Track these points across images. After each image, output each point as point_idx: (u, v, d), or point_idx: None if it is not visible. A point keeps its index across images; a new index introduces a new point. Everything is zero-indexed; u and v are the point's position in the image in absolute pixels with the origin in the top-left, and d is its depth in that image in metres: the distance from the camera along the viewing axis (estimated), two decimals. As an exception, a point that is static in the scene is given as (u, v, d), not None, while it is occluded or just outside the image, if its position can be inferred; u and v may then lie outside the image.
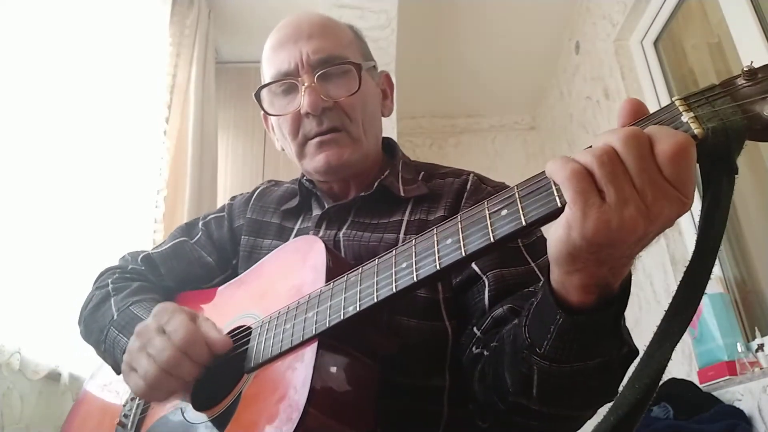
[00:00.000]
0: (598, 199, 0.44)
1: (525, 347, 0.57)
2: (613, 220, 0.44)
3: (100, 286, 1.02)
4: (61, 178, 1.77)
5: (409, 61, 3.22)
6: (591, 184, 0.45)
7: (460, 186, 0.91)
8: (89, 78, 1.99)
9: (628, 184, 0.44)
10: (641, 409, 0.47)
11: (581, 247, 0.46)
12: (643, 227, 0.44)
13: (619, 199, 0.44)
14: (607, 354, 0.54)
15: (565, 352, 0.54)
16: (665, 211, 0.44)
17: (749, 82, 0.46)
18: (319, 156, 0.89)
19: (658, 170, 0.44)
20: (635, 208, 0.44)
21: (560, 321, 0.52)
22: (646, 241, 0.46)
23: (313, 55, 0.88)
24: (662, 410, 1.90)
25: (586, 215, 0.44)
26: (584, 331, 0.52)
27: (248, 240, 1.00)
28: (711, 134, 0.45)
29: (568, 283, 0.50)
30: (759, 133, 0.45)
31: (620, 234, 0.44)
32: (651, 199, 0.44)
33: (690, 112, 0.46)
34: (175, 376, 0.71)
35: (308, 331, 0.68)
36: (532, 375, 0.57)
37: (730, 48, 2.08)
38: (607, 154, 0.45)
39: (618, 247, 0.46)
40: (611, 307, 0.51)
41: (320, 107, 0.86)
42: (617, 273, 0.49)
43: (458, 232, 0.56)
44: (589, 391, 0.58)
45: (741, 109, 0.45)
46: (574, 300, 0.51)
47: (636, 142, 0.44)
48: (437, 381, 0.80)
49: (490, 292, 0.77)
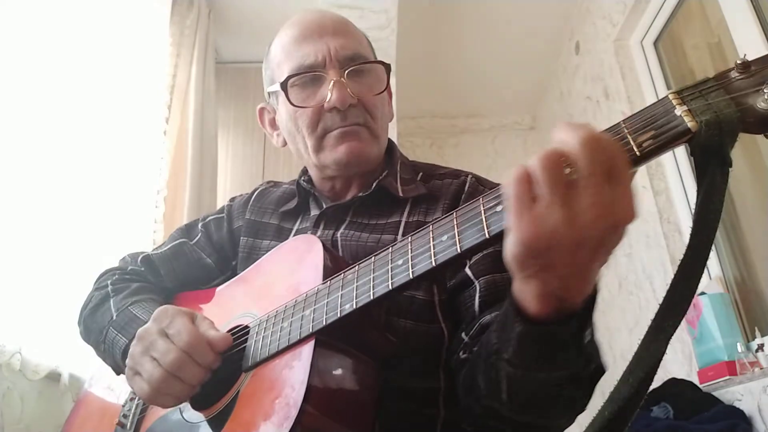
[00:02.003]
0: (534, 204, 0.45)
1: (493, 351, 0.58)
2: (545, 222, 0.44)
3: (100, 287, 1.02)
4: (62, 179, 1.78)
5: (409, 61, 3.22)
6: (530, 189, 0.45)
7: (458, 187, 0.91)
8: (89, 78, 1.99)
9: (563, 189, 0.44)
10: (636, 402, 0.47)
11: (520, 251, 0.46)
12: (574, 233, 0.44)
13: (552, 202, 0.44)
14: (571, 367, 0.55)
15: (527, 360, 0.55)
16: (601, 222, 0.43)
17: (742, 75, 0.46)
18: (341, 147, 0.88)
19: (596, 177, 0.44)
20: (568, 213, 0.44)
21: (518, 329, 0.53)
22: (584, 250, 0.45)
23: (341, 51, 0.88)
24: (662, 410, 1.90)
25: (520, 218, 0.45)
26: (542, 341, 0.52)
27: (247, 241, 1.00)
28: (704, 127, 0.45)
29: (525, 291, 0.51)
30: (752, 126, 0.45)
31: (552, 238, 0.44)
32: (585, 205, 0.43)
33: (683, 105, 0.46)
34: (181, 378, 0.71)
35: (305, 329, 0.68)
36: (501, 380, 0.58)
37: (730, 48, 2.08)
38: (547, 159, 0.45)
39: (555, 252, 0.45)
40: (570, 321, 0.51)
41: (347, 102, 0.86)
42: (569, 285, 0.48)
43: (453, 229, 0.57)
44: (556, 401, 0.58)
45: (734, 102, 0.45)
46: (532, 309, 0.51)
47: (592, 146, 0.44)
48: (432, 382, 0.80)
49: (480, 298, 0.77)
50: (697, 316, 2.06)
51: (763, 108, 0.44)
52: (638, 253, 2.64)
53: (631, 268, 2.71)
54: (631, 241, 2.71)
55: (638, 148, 0.47)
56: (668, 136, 0.46)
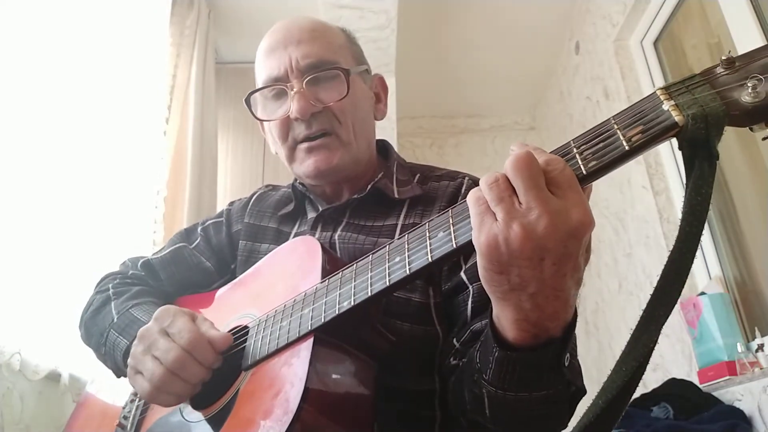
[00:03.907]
0: (490, 220, 0.48)
1: (476, 370, 0.61)
2: (499, 236, 0.47)
3: (101, 290, 1.02)
4: (62, 179, 1.78)
5: (409, 61, 3.23)
6: (486, 208, 0.49)
7: (454, 189, 0.91)
8: (89, 78, 1.99)
9: (515, 203, 0.47)
10: (629, 392, 0.48)
11: (486, 268, 0.49)
12: (530, 243, 0.46)
13: (505, 216, 0.47)
14: (551, 388, 0.57)
15: (506, 382, 0.57)
16: (554, 231, 0.46)
17: (727, 71, 0.47)
18: (309, 161, 0.89)
19: (545, 190, 0.47)
20: (520, 225, 0.46)
21: (496, 353, 0.55)
22: (549, 261, 0.47)
23: (302, 60, 0.88)
24: (662, 410, 1.90)
25: (479, 234, 0.48)
26: (520, 366, 0.55)
27: (246, 245, 1.01)
28: (691, 121, 0.46)
29: (502, 318, 0.53)
30: (737, 119, 0.46)
31: (511, 251, 0.47)
32: (536, 215, 0.46)
33: (671, 100, 0.48)
34: (182, 377, 0.72)
35: (304, 327, 0.68)
36: (483, 397, 0.61)
37: (729, 48, 2.08)
38: (494, 179, 0.49)
39: (520, 268, 0.48)
40: (549, 347, 0.53)
41: (309, 112, 0.87)
42: (542, 306, 0.50)
43: (449, 225, 0.57)
44: (536, 419, 0.61)
45: (719, 96, 0.46)
46: (509, 335, 0.53)
47: (522, 164, 0.47)
48: (428, 385, 0.81)
49: (473, 303, 0.78)
50: (697, 316, 2.06)
51: (747, 101, 0.45)
52: (638, 254, 2.64)
53: (631, 268, 2.71)
54: (631, 241, 2.71)
55: (628, 142, 0.48)
56: (656, 130, 0.48)
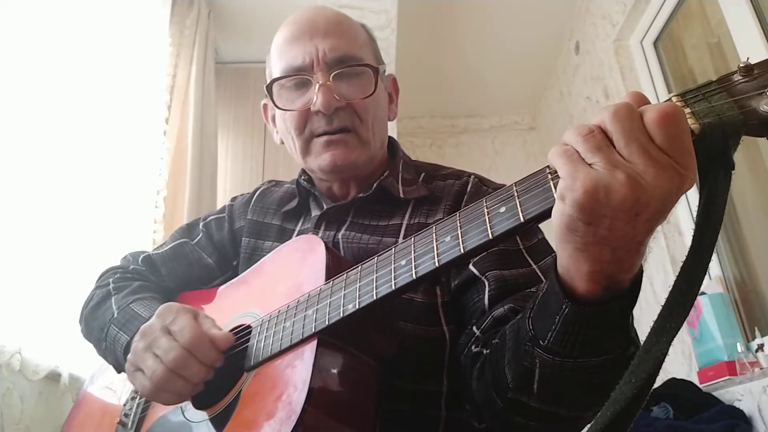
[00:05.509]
0: (585, 166, 0.44)
1: (528, 339, 0.56)
2: (601, 182, 0.43)
3: (101, 285, 1.02)
4: (61, 179, 1.77)
5: (409, 61, 3.23)
6: (579, 157, 0.45)
7: (460, 188, 0.90)
8: (89, 78, 1.99)
9: (615, 154, 0.44)
10: (638, 404, 0.46)
11: (574, 216, 0.45)
12: (634, 194, 0.43)
13: (606, 164, 0.43)
14: (611, 352, 0.53)
15: (569, 346, 0.52)
16: (660, 182, 0.43)
17: (745, 78, 0.46)
18: (326, 154, 0.88)
19: (649, 139, 0.44)
20: (625, 174, 0.43)
21: (566, 311, 0.50)
22: (644, 217, 0.44)
23: (329, 53, 0.87)
24: (662, 410, 1.90)
25: (574, 179, 0.44)
26: (589, 324, 0.51)
27: (249, 242, 1.00)
28: (707, 129, 0.45)
29: (573, 270, 0.49)
30: (755, 129, 0.45)
31: (610, 200, 0.43)
32: (642, 167, 0.43)
33: (687, 108, 0.46)
34: (183, 376, 0.71)
35: (308, 329, 0.68)
36: (534, 369, 0.56)
37: (729, 48, 2.08)
38: (589, 130, 0.45)
39: (613, 220, 0.44)
40: (620, 300, 0.50)
41: (333, 106, 0.85)
42: (621, 259, 0.47)
43: (457, 229, 0.56)
44: (589, 390, 0.56)
45: (737, 105, 0.45)
46: (581, 288, 0.49)
47: (622, 114, 0.45)
48: (434, 386, 0.80)
49: (490, 292, 0.76)
50: (697, 316, 2.06)
51: (765, 111, 0.44)
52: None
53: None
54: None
55: None
56: None
